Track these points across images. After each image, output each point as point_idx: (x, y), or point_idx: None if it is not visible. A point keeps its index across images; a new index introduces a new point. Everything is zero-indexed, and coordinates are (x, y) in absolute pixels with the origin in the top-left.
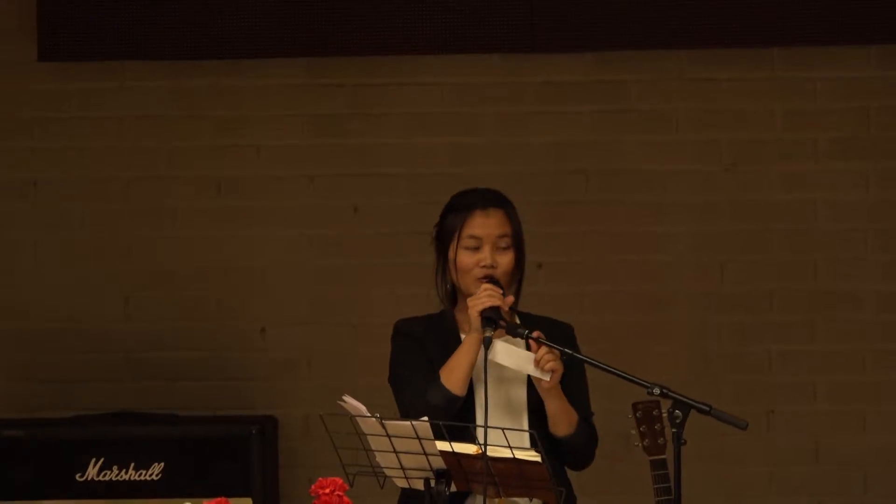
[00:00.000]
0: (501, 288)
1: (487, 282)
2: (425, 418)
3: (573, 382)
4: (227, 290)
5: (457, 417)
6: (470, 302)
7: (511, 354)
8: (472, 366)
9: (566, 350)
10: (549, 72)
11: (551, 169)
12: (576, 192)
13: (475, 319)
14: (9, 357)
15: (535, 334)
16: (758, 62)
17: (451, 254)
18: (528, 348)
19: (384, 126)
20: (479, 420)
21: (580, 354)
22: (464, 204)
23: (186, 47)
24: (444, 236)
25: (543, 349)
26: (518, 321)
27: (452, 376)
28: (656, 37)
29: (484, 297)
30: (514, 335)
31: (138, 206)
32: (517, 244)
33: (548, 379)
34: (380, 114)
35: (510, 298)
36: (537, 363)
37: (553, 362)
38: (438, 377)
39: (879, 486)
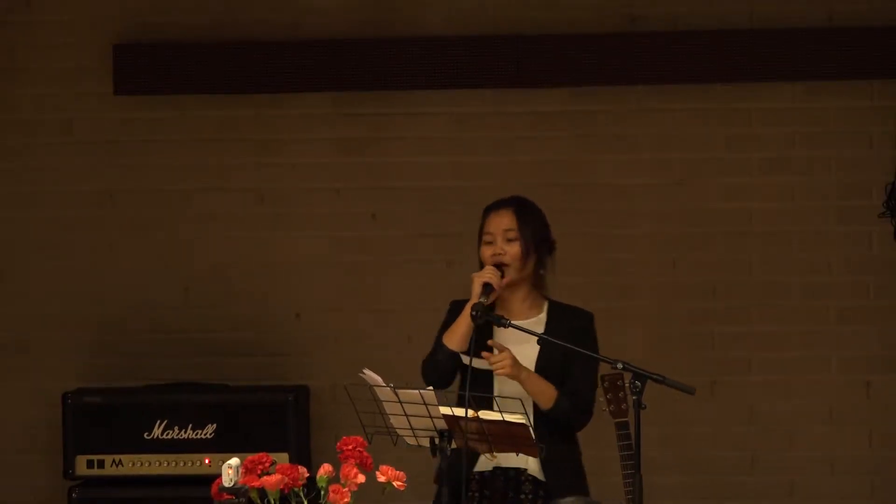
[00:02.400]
0: (502, 272)
1: (495, 266)
2: (430, 388)
3: (574, 366)
4: (268, 281)
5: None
6: (474, 275)
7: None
8: (469, 328)
9: (542, 335)
10: (533, 103)
11: (535, 182)
12: (555, 202)
13: (477, 286)
14: (90, 337)
15: (489, 343)
16: (703, 95)
17: (479, 250)
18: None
19: (397, 148)
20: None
21: (556, 340)
22: (485, 209)
23: (235, 84)
24: (478, 238)
25: (494, 357)
26: (547, 308)
27: (451, 336)
28: (621, 75)
29: (486, 273)
30: (498, 325)
31: (195, 213)
32: (525, 237)
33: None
34: (393, 138)
35: (506, 280)
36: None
37: (503, 369)
38: (443, 339)
39: (804, 442)
